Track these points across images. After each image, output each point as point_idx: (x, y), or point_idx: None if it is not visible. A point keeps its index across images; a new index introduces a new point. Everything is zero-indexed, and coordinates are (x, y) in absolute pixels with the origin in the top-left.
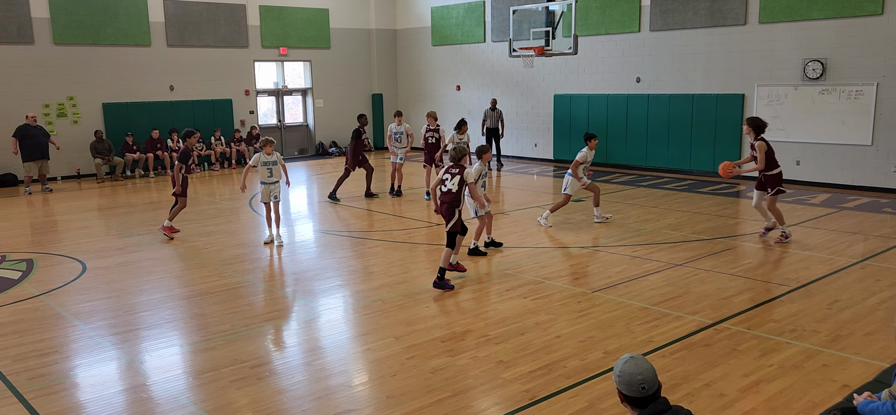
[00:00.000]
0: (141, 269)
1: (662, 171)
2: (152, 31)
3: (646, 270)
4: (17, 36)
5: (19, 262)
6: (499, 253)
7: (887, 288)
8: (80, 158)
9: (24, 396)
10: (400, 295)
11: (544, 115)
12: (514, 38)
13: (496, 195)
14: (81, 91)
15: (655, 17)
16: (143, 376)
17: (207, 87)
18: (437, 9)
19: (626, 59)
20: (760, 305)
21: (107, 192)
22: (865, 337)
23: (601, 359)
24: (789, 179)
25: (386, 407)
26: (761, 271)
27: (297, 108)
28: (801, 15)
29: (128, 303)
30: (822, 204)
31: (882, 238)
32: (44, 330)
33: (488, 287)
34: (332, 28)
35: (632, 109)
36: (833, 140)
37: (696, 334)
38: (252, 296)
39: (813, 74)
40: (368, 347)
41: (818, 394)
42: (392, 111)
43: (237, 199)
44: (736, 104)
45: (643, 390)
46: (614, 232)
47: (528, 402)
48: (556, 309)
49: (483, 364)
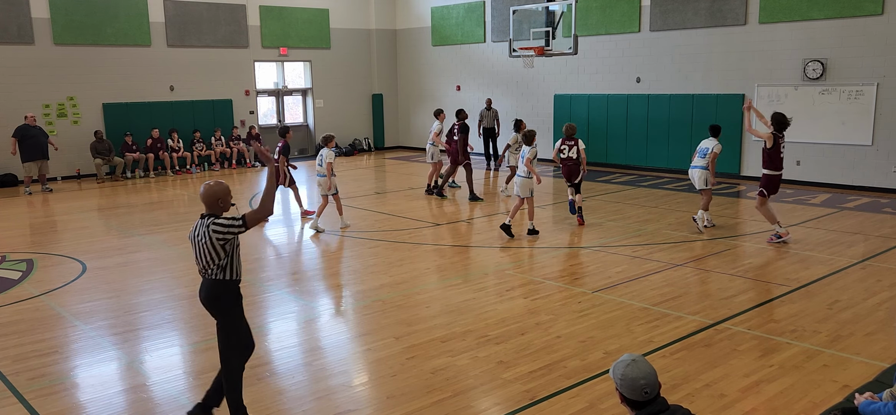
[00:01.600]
0: (141, 269)
1: (662, 171)
2: (152, 32)
3: (646, 270)
4: (17, 36)
5: (19, 262)
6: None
7: (888, 288)
8: (81, 158)
9: (25, 396)
10: (400, 295)
11: (544, 115)
12: (514, 39)
13: (494, 196)
14: (81, 91)
15: (655, 17)
16: (143, 376)
17: (207, 88)
18: (438, 9)
19: (626, 60)
20: (761, 306)
21: (107, 192)
22: (866, 337)
23: (601, 359)
24: (790, 179)
25: (386, 407)
26: (762, 272)
27: (298, 108)
28: (801, 15)
29: (128, 303)
30: (823, 204)
31: (882, 238)
32: (44, 330)
33: (488, 287)
34: (332, 28)
35: (632, 109)
36: (833, 140)
37: (696, 334)
38: (252, 296)
39: (813, 74)
40: (368, 347)
41: (819, 394)
42: (392, 111)
43: (237, 199)
44: (736, 104)
45: (646, 393)
46: (614, 232)
47: (529, 402)
48: (557, 309)
49: (483, 364)
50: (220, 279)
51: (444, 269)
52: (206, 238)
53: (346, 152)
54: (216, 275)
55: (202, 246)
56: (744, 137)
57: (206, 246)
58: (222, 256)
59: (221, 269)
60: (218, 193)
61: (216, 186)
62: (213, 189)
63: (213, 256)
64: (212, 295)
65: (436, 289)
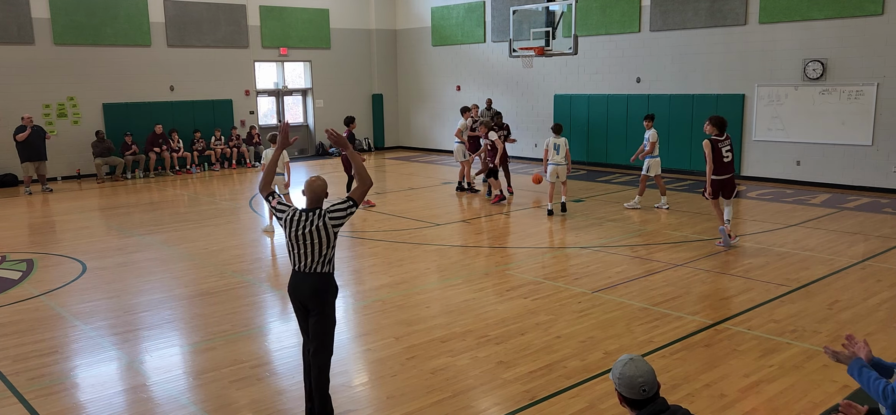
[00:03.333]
0: (141, 269)
1: (662, 171)
2: (152, 32)
3: (646, 270)
4: (17, 36)
5: (19, 262)
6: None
7: (888, 288)
8: (81, 158)
9: (25, 396)
10: (400, 295)
11: (544, 115)
12: (514, 39)
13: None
14: (82, 91)
15: (655, 17)
16: (143, 376)
17: (207, 88)
18: (438, 9)
19: (626, 60)
20: (761, 306)
21: (107, 192)
22: (866, 337)
23: (601, 359)
24: (789, 180)
25: (386, 407)
26: (761, 272)
27: (298, 108)
28: (801, 15)
29: (128, 303)
30: (823, 204)
31: (882, 238)
32: (44, 330)
33: (488, 287)
34: (332, 28)
35: (632, 109)
36: (833, 140)
37: (696, 334)
38: (252, 296)
39: (813, 74)
40: (368, 347)
41: (818, 394)
42: (392, 111)
43: (237, 199)
44: (736, 104)
45: (644, 392)
46: (614, 232)
47: (529, 402)
48: (557, 309)
49: (483, 364)
50: (326, 272)
51: (444, 269)
52: (323, 229)
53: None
54: (323, 268)
55: (319, 238)
56: (744, 137)
57: (324, 237)
58: (333, 245)
59: (329, 261)
60: (324, 187)
61: (319, 180)
62: (319, 183)
63: (327, 247)
64: (320, 288)
65: (436, 289)
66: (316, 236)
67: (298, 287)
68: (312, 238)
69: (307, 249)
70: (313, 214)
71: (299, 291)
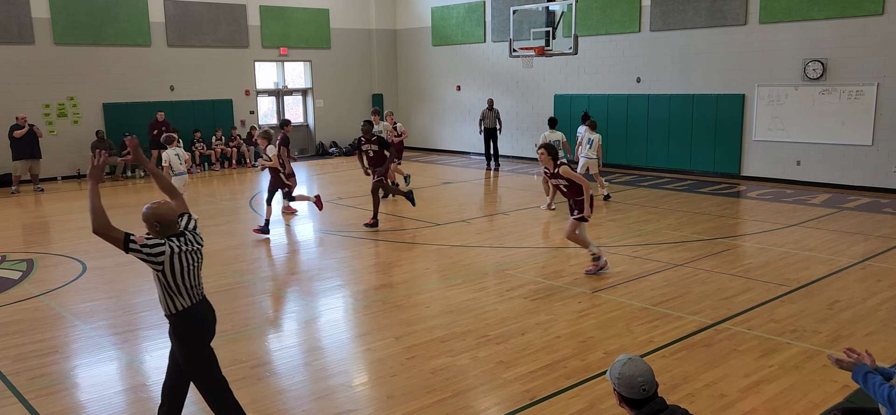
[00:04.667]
0: (141, 269)
1: (662, 171)
2: (152, 32)
3: (646, 270)
4: (17, 36)
5: (19, 262)
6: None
7: (888, 288)
8: (81, 157)
9: (25, 396)
10: (400, 295)
11: (544, 115)
12: (514, 39)
13: (494, 196)
14: (82, 91)
15: (655, 17)
16: (143, 376)
17: (207, 87)
18: (438, 9)
19: (627, 60)
20: (761, 306)
21: (107, 192)
22: (866, 337)
23: (601, 359)
24: (790, 180)
25: (386, 407)
26: (762, 272)
27: (298, 108)
28: (801, 15)
29: (128, 303)
30: (823, 204)
31: (882, 238)
32: (44, 330)
33: (488, 287)
34: (332, 28)
35: (632, 109)
36: (833, 140)
37: (696, 334)
38: (252, 296)
39: (813, 74)
40: (368, 347)
41: (819, 394)
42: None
43: (237, 199)
44: (736, 104)
45: (644, 391)
46: (614, 232)
47: (529, 402)
48: (557, 309)
49: (483, 364)
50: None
51: (444, 269)
52: (197, 246)
53: (346, 152)
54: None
55: (200, 258)
56: (744, 137)
57: (200, 256)
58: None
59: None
60: (173, 209)
61: (166, 206)
62: (165, 208)
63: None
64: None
65: (436, 289)
66: (198, 256)
67: (204, 315)
68: (198, 256)
69: (198, 269)
70: (185, 233)
71: (208, 321)
